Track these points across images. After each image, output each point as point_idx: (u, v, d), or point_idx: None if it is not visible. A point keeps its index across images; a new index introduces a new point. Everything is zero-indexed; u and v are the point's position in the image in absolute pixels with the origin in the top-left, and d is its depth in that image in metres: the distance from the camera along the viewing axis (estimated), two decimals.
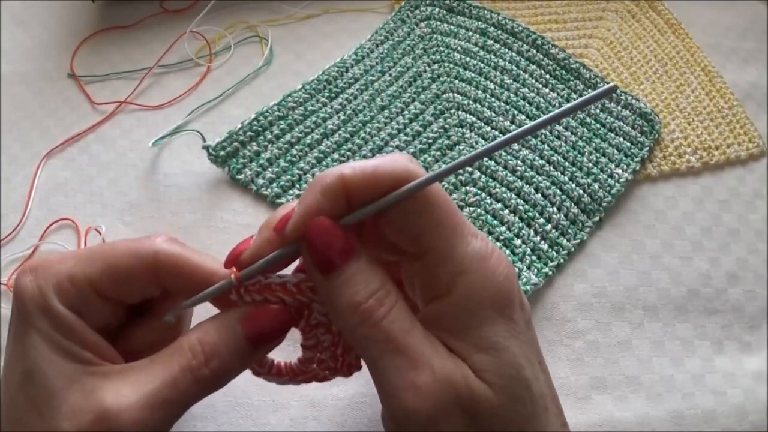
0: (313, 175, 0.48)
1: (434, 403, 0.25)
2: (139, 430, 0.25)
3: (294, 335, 0.31)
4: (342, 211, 0.28)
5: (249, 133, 0.48)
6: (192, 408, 0.39)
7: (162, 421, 0.26)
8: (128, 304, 0.31)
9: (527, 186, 0.48)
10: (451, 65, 0.54)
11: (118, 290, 0.28)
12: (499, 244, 0.46)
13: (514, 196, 0.47)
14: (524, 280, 0.44)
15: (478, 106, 0.52)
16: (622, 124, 0.52)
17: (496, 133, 0.50)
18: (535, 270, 0.45)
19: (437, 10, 0.57)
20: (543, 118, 0.27)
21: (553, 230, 0.46)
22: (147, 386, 0.26)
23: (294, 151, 0.48)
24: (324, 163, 0.48)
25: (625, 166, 0.49)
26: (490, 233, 0.46)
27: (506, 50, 0.55)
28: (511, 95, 0.52)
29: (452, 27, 0.56)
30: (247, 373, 0.40)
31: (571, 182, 0.48)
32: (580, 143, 0.50)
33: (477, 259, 0.27)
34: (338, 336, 0.30)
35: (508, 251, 0.45)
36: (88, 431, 0.25)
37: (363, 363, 0.29)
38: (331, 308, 0.28)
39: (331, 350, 0.30)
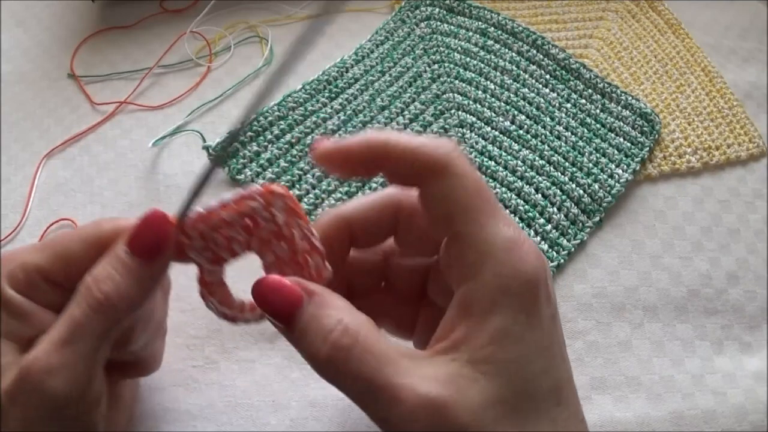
0: (313, 175, 0.48)
1: (422, 428, 0.25)
2: (54, 375, 0.26)
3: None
4: (367, 163, 0.28)
5: (249, 134, 0.48)
6: (191, 408, 0.39)
7: (77, 360, 0.27)
8: None
9: (527, 186, 0.48)
10: (451, 65, 0.54)
11: (66, 275, 0.29)
12: None
13: (514, 196, 0.47)
14: None
15: (478, 106, 0.52)
16: (622, 124, 0.52)
17: (497, 133, 0.50)
18: None
19: (437, 10, 0.57)
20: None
21: (554, 230, 0.46)
22: (53, 335, 0.27)
23: (294, 152, 0.48)
24: None
25: (625, 167, 0.49)
26: None
27: (506, 50, 0.55)
28: (512, 95, 0.52)
29: (452, 27, 0.56)
30: (247, 374, 0.40)
31: (571, 182, 0.48)
32: (581, 143, 0.50)
33: (505, 247, 0.27)
34: (293, 240, 0.29)
35: None
36: (14, 391, 0.27)
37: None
38: (303, 356, 0.27)
39: (294, 261, 0.29)
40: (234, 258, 0.29)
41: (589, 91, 0.53)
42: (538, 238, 0.46)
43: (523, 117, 0.51)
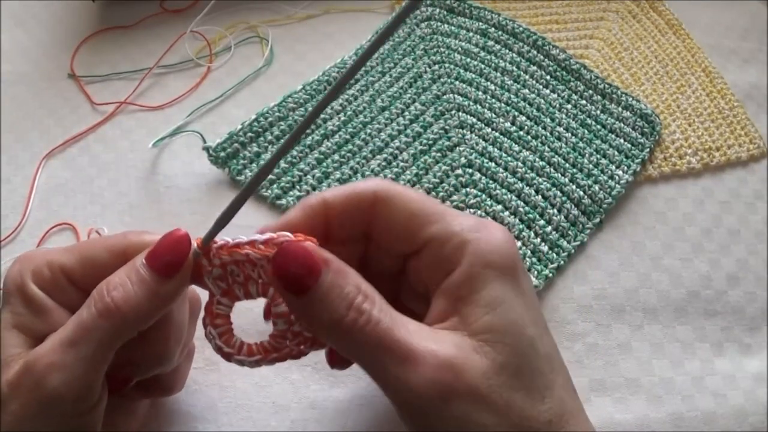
0: (313, 176, 0.48)
1: (439, 388, 0.26)
2: (55, 374, 0.27)
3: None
4: (320, 228, 0.30)
5: (249, 134, 0.48)
6: (192, 409, 0.39)
7: (78, 362, 0.27)
8: None
9: (527, 188, 0.48)
10: (452, 66, 0.54)
11: (89, 279, 0.30)
12: None
13: (514, 197, 0.47)
14: None
15: (479, 107, 0.52)
16: (622, 125, 0.51)
17: (497, 134, 0.50)
18: (536, 272, 0.45)
19: (438, 10, 0.57)
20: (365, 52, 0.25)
21: (554, 232, 0.46)
22: (61, 333, 0.28)
23: (294, 152, 0.48)
24: (324, 164, 0.48)
25: (625, 168, 0.49)
26: None
27: (507, 51, 0.55)
28: (512, 96, 0.52)
29: (453, 28, 0.56)
30: (248, 376, 0.40)
31: (571, 184, 0.48)
32: (581, 144, 0.50)
33: (474, 228, 0.29)
34: None
35: None
36: (16, 383, 0.27)
37: None
38: (309, 325, 0.28)
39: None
40: (246, 298, 0.29)
41: (590, 92, 0.53)
42: (538, 240, 0.46)
43: (524, 118, 0.51)
